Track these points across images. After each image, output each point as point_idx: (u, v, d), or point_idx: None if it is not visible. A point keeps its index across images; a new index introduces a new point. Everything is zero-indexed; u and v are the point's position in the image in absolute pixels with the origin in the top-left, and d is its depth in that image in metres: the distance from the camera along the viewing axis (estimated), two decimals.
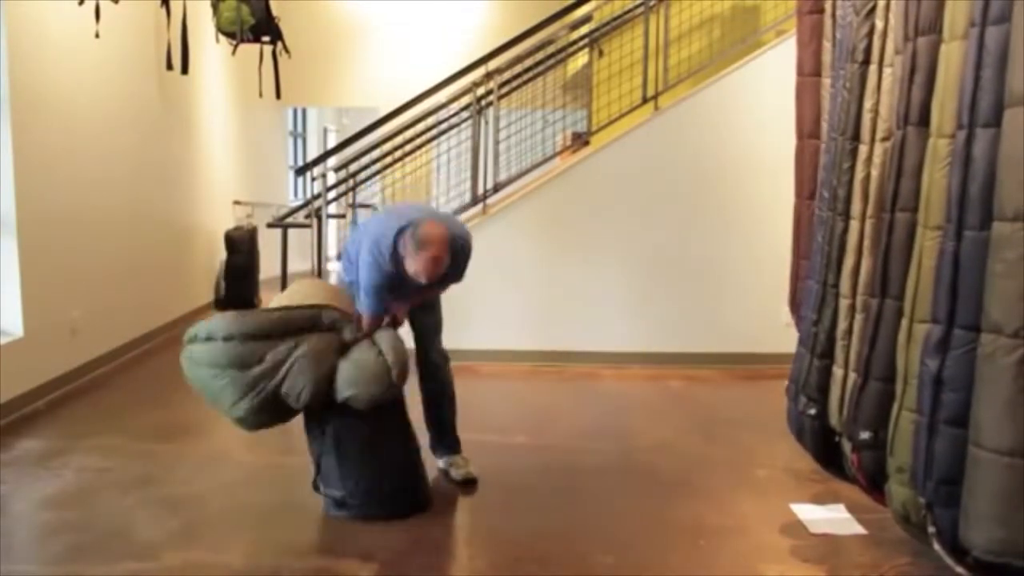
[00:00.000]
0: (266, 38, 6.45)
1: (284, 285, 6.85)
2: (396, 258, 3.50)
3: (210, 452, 4.54)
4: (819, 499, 3.79)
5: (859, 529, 3.47)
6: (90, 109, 6.03)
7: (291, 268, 6.96)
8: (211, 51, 7.81)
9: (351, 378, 3.48)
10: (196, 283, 8.58)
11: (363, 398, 3.49)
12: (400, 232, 3.49)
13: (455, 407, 4.11)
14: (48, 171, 5.36)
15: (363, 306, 3.65)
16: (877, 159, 3.12)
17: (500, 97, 6.74)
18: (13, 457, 4.28)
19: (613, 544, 3.39)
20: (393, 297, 3.70)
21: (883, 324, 2.94)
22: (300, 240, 7.49)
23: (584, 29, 7.15)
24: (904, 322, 2.79)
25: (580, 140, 7.65)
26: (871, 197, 3.15)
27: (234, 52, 6.53)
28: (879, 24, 3.11)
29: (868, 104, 3.15)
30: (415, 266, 3.45)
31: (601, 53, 7.22)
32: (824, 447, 3.46)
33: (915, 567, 3.13)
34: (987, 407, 2.41)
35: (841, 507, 3.67)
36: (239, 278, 8.99)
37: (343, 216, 8.11)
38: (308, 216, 7.03)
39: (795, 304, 4.29)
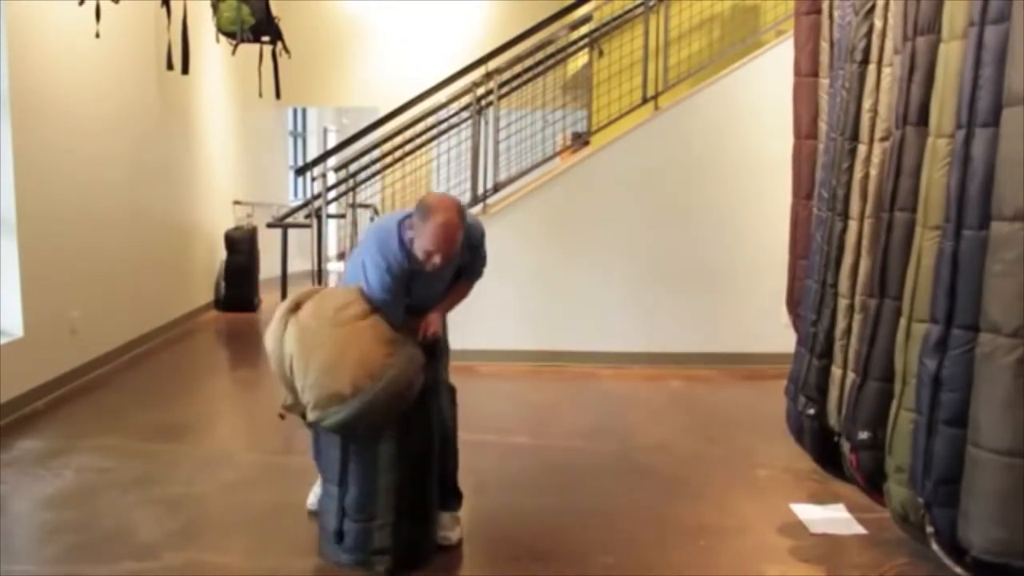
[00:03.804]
0: (266, 38, 6.42)
1: (284, 285, 6.84)
2: (404, 248, 3.10)
3: (210, 452, 4.54)
4: (819, 499, 3.79)
5: (859, 529, 3.47)
6: (90, 109, 6.03)
7: (291, 268, 6.95)
8: (211, 51, 7.81)
9: None
10: (196, 283, 8.58)
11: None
12: (404, 219, 3.15)
13: (457, 453, 3.56)
14: (48, 171, 5.36)
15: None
16: (876, 159, 3.12)
17: (500, 97, 6.74)
18: (13, 457, 4.28)
19: (613, 544, 3.38)
20: (413, 299, 3.28)
21: (882, 324, 2.94)
22: (300, 240, 7.48)
23: (584, 29, 7.14)
24: (903, 322, 2.80)
25: (580, 140, 7.65)
26: (870, 197, 3.15)
27: (234, 52, 6.51)
28: (878, 24, 3.12)
29: (867, 104, 3.15)
30: (425, 240, 3.00)
31: (601, 53, 7.22)
32: (823, 447, 3.46)
33: (914, 567, 3.13)
34: (986, 407, 2.42)
35: (841, 507, 3.67)
36: (239, 278, 8.99)
37: (343, 216, 8.08)
38: (308, 216, 7.02)
39: (793, 304, 4.28)
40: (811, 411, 3.40)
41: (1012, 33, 2.39)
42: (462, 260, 3.32)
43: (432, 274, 3.18)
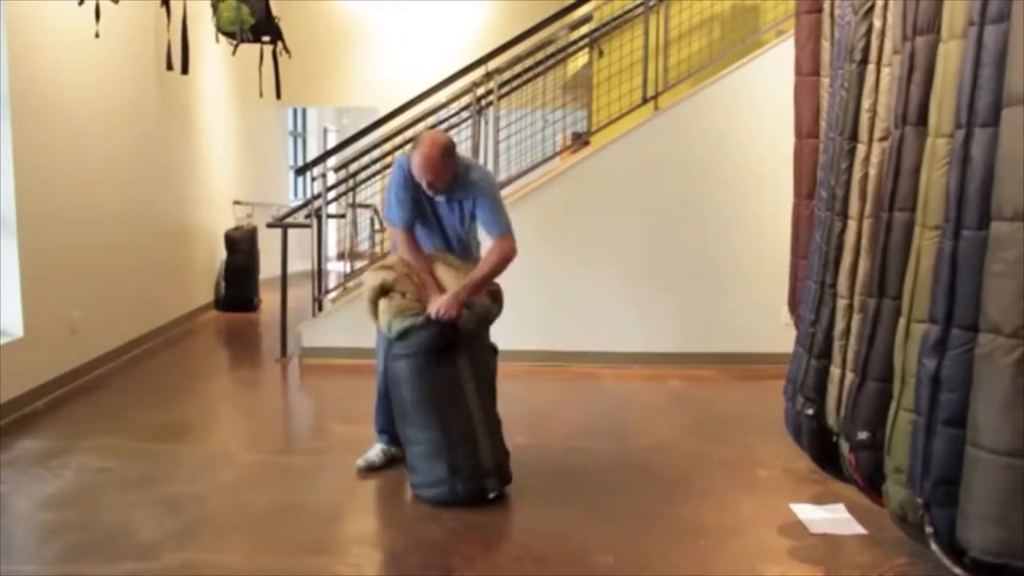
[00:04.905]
0: (266, 38, 6.43)
1: (284, 285, 6.85)
2: (408, 169, 3.89)
3: (210, 452, 4.55)
4: (819, 499, 3.79)
5: (859, 529, 3.47)
6: (90, 109, 6.03)
7: (291, 268, 6.94)
8: (211, 51, 7.81)
9: None
10: (196, 283, 8.58)
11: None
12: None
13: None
14: (48, 171, 5.36)
15: (389, 216, 4.07)
16: (875, 159, 3.12)
17: (500, 97, 6.74)
18: (13, 457, 4.29)
19: (613, 544, 3.38)
20: (432, 224, 4.07)
21: (881, 324, 2.94)
22: (300, 240, 7.48)
23: (584, 29, 7.15)
24: (902, 322, 2.79)
25: (580, 140, 7.65)
26: (869, 197, 3.15)
27: (234, 52, 6.52)
28: (877, 23, 3.12)
29: (866, 104, 3.15)
30: (415, 166, 3.82)
31: (601, 53, 7.22)
32: (822, 447, 3.46)
33: (915, 567, 3.13)
34: (985, 407, 2.41)
35: (841, 507, 3.67)
36: (239, 278, 9.01)
37: (343, 216, 8.09)
38: (308, 216, 7.02)
39: (795, 304, 4.29)
40: (809, 411, 3.40)
41: (1012, 33, 2.39)
42: (475, 209, 4.02)
43: (441, 203, 4.00)
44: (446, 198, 3.99)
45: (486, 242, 4.22)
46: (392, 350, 3.91)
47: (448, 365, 3.84)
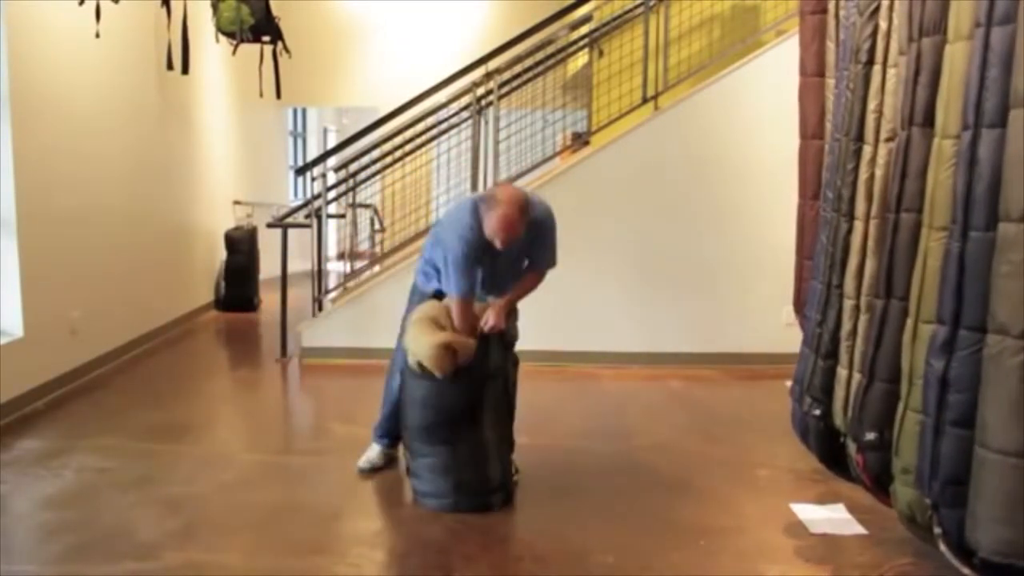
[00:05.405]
0: (266, 38, 6.41)
1: (284, 285, 6.84)
2: (479, 225, 3.64)
3: (210, 452, 4.54)
4: (819, 499, 3.79)
5: (859, 529, 3.47)
6: (90, 109, 6.02)
7: (291, 268, 6.94)
8: (211, 51, 7.79)
9: None
10: (196, 283, 8.57)
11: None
12: (480, 200, 3.72)
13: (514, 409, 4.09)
14: (48, 171, 5.35)
15: (451, 287, 3.75)
16: (881, 160, 3.12)
17: (500, 97, 6.73)
18: (13, 457, 4.28)
19: (613, 544, 3.38)
20: (485, 274, 3.81)
21: (888, 325, 2.94)
22: (300, 240, 7.47)
23: (584, 29, 7.14)
24: (909, 323, 2.80)
25: (580, 140, 7.64)
26: (875, 198, 3.15)
27: (234, 52, 6.50)
28: (883, 24, 3.12)
29: (872, 105, 3.15)
30: (490, 226, 3.59)
31: (601, 53, 7.21)
32: (829, 448, 3.47)
33: (916, 567, 3.13)
34: (993, 408, 2.42)
35: (841, 507, 3.67)
36: (239, 278, 9.00)
37: (343, 216, 8.08)
38: (308, 216, 7.01)
39: (800, 305, 4.29)
40: (817, 412, 3.40)
41: (1019, 35, 2.39)
42: (531, 247, 3.88)
43: (502, 252, 3.72)
44: None
45: None
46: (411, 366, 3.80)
47: (468, 391, 3.73)
